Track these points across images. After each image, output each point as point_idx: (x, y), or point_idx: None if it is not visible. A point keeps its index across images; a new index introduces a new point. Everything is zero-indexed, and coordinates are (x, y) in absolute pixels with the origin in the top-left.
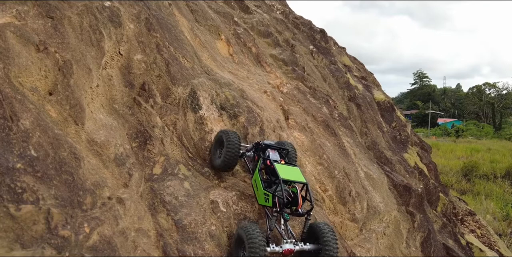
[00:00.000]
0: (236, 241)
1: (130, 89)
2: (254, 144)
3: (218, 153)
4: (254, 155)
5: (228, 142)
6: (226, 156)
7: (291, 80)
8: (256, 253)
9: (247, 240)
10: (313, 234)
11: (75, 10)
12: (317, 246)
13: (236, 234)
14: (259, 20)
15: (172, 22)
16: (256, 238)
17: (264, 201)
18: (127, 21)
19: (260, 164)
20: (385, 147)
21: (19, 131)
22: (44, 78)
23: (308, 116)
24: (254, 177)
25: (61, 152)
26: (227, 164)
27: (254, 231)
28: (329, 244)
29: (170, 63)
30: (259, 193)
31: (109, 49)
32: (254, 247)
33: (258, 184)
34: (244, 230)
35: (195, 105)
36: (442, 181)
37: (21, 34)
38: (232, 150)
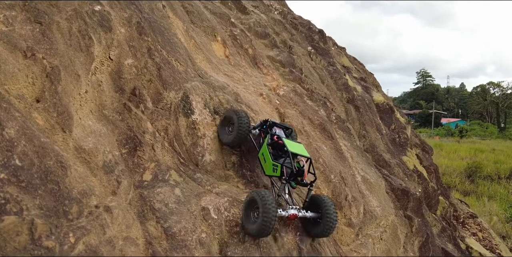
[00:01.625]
0: (249, 204)
1: (121, 95)
2: (262, 121)
3: (227, 130)
4: (260, 133)
5: (240, 120)
6: (239, 133)
7: (288, 82)
8: (269, 214)
9: (261, 203)
10: (315, 204)
11: (64, 15)
12: (317, 215)
13: (249, 198)
14: (257, 21)
15: (165, 25)
16: (270, 202)
17: (273, 171)
18: (117, 25)
19: (268, 139)
20: (383, 149)
21: (4, 140)
22: (31, 85)
23: (305, 119)
24: (262, 151)
25: (47, 161)
26: (238, 140)
27: (268, 196)
28: (331, 213)
29: (161, 67)
30: (267, 165)
31: (99, 55)
32: (267, 208)
33: (266, 156)
34: (258, 195)
35: (188, 109)
36: (445, 182)
37: (8, 40)
38: (243, 127)
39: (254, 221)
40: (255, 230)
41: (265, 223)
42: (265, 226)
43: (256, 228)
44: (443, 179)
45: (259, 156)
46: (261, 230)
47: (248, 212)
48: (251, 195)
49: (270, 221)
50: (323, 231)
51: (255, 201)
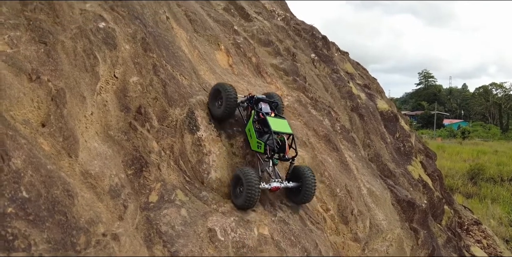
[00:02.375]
0: (234, 180)
1: (126, 113)
2: (249, 97)
3: (217, 104)
4: (247, 106)
5: (227, 94)
6: (227, 107)
7: (292, 91)
8: (251, 187)
9: (244, 178)
10: (296, 175)
11: (69, 33)
12: (299, 184)
13: (234, 175)
14: (260, 28)
15: (170, 38)
16: (252, 176)
17: (257, 148)
18: (122, 42)
19: (253, 116)
20: (388, 159)
21: (11, 171)
22: (37, 109)
23: (309, 131)
24: (248, 127)
25: (54, 190)
26: (227, 114)
27: (249, 172)
28: (310, 182)
29: (167, 83)
30: (252, 141)
31: (104, 74)
32: (250, 183)
33: (252, 133)
34: (241, 171)
35: (193, 126)
36: (447, 185)
37: (13, 63)
38: (231, 101)
39: (239, 195)
40: (241, 203)
41: (249, 196)
42: (249, 199)
43: (242, 201)
44: (446, 181)
45: (245, 131)
46: (246, 203)
47: (234, 187)
48: (236, 173)
49: (252, 195)
50: (303, 198)
51: (239, 178)
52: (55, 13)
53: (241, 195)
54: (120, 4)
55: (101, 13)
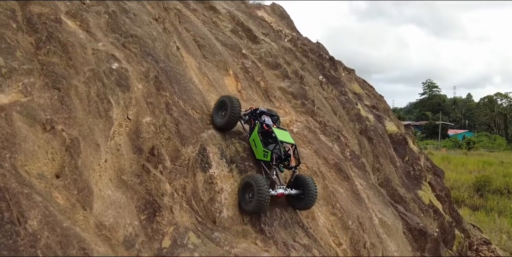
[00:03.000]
0: (244, 186)
1: (139, 155)
2: (252, 110)
3: (221, 115)
4: (249, 119)
5: (232, 106)
6: (230, 117)
7: (301, 115)
8: (262, 192)
9: (256, 185)
10: (298, 183)
11: (82, 77)
12: (300, 191)
13: (244, 181)
14: (267, 51)
15: (181, 71)
16: (263, 183)
17: (263, 156)
18: (135, 81)
19: (258, 127)
20: (398, 183)
21: (27, 235)
22: (51, 161)
23: (320, 159)
24: (253, 137)
25: (70, 250)
26: (230, 124)
27: (260, 178)
28: (311, 189)
29: (179, 121)
30: (258, 150)
31: (117, 117)
32: (261, 189)
33: (257, 143)
34: (252, 178)
35: (205, 163)
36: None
37: (28, 113)
38: (235, 112)
39: (249, 201)
40: (251, 208)
41: (260, 202)
42: (260, 204)
43: (253, 206)
44: (452, 194)
45: (250, 141)
46: (257, 208)
47: (243, 194)
48: (246, 180)
49: (264, 200)
50: (305, 205)
51: (250, 184)
52: (67, 55)
53: (251, 200)
54: (132, 41)
55: (113, 52)
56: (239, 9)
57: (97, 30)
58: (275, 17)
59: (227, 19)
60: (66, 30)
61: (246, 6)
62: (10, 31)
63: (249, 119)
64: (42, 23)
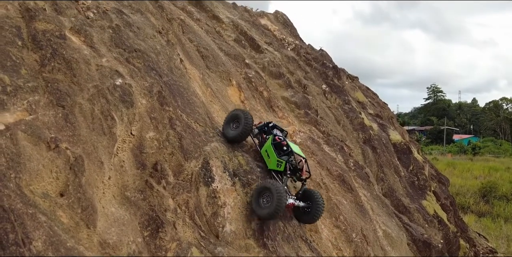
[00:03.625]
0: (261, 191)
1: (142, 171)
2: (265, 123)
3: (232, 127)
4: (260, 132)
5: (246, 118)
6: (244, 130)
7: (304, 125)
8: (281, 201)
9: (276, 191)
10: (306, 196)
11: (86, 94)
12: (308, 205)
13: (261, 185)
14: (271, 60)
15: (184, 84)
16: (283, 190)
17: (277, 166)
18: (139, 97)
19: (271, 139)
20: (402, 194)
21: (32, 256)
22: (55, 180)
23: (323, 170)
24: (266, 148)
25: None
26: (242, 136)
27: (279, 185)
28: (319, 204)
29: (183, 136)
30: (270, 160)
31: (121, 134)
32: (281, 197)
33: (271, 153)
34: (272, 184)
35: (208, 177)
36: (459, 203)
37: (32, 132)
38: (248, 125)
39: (264, 206)
40: (267, 214)
41: (278, 208)
42: (277, 210)
43: (269, 212)
44: (457, 200)
45: (262, 153)
46: (273, 214)
47: (258, 198)
48: (264, 184)
49: (281, 206)
50: (312, 218)
51: (268, 189)
52: (72, 72)
53: (267, 206)
54: (136, 56)
55: (117, 67)
56: (242, 18)
57: (101, 45)
58: (278, 25)
59: (230, 28)
60: (71, 46)
61: (249, 14)
62: (16, 48)
63: (260, 133)
64: (47, 39)
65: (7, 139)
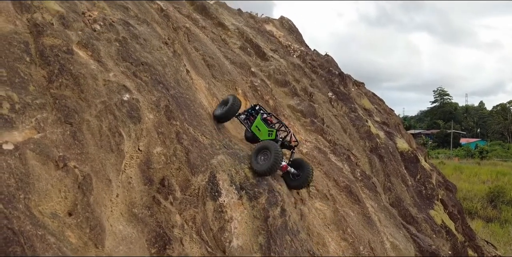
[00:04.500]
0: (260, 149)
1: (149, 187)
2: (252, 106)
3: (222, 108)
4: (248, 116)
5: (233, 102)
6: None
7: (310, 134)
8: (278, 159)
9: (273, 149)
10: (296, 164)
11: (94, 110)
12: (298, 172)
13: (260, 145)
14: (276, 68)
15: (191, 96)
16: (280, 149)
17: (268, 136)
18: (146, 111)
19: (260, 116)
20: (410, 203)
21: None
22: (64, 199)
23: (330, 181)
24: (256, 124)
25: None
26: (227, 115)
27: (278, 147)
28: (309, 172)
29: (190, 150)
30: (262, 132)
31: (129, 150)
32: (278, 154)
33: (261, 126)
34: (271, 143)
35: (215, 191)
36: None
37: (41, 151)
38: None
39: (261, 163)
40: (264, 169)
41: (274, 165)
42: (273, 167)
43: (266, 167)
44: (464, 205)
45: (252, 129)
46: (269, 170)
47: (257, 155)
48: (264, 143)
49: (277, 164)
50: (301, 184)
51: (267, 148)
52: (79, 87)
53: (265, 162)
54: (143, 69)
55: (124, 82)
56: (247, 25)
57: (108, 59)
58: (284, 31)
59: (236, 35)
60: (78, 61)
61: (254, 20)
62: (24, 64)
63: (248, 117)
64: (55, 55)
65: (16, 159)
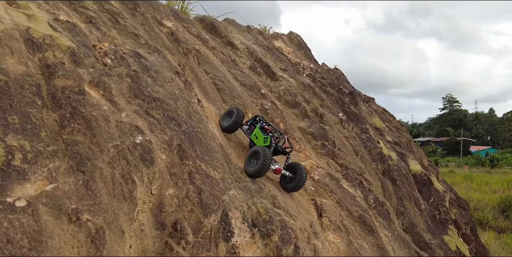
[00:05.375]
0: (253, 153)
1: (162, 231)
2: (253, 117)
3: (227, 119)
4: (250, 126)
5: (238, 113)
6: (234, 122)
7: (321, 157)
8: (266, 161)
9: (262, 153)
10: (292, 168)
11: (106, 156)
12: (293, 175)
13: (253, 150)
14: (286, 89)
15: (203, 129)
16: (269, 153)
17: (263, 142)
18: (158, 152)
19: (258, 125)
20: (423, 228)
21: None
22: (77, 255)
23: (343, 211)
24: (255, 133)
25: None
26: (233, 127)
27: (266, 149)
28: (303, 175)
29: (202, 190)
30: (259, 140)
31: (141, 196)
32: (266, 157)
33: (258, 134)
34: (261, 148)
35: (227, 231)
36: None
37: (53, 204)
38: (239, 119)
39: (253, 165)
40: (253, 170)
41: (262, 167)
42: (261, 168)
43: (255, 169)
44: (475, 215)
45: (252, 138)
46: (258, 171)
47: (250, 160)
48: (256, 148)
49: (265, 166)
50: (295, 187)
51: (258, 152)
52: (91, 132)
53: (255, 165)
54: (155, 106)
55: (136, 122)
56: (256, 42)
57: (120, 98)
58: (293, 47)
59: (245, 55)
60: (90, 103)
61: (263, 37)
62: (36, 109)
63: (250, 127)
64: (66, 97)
65: (29, 216)
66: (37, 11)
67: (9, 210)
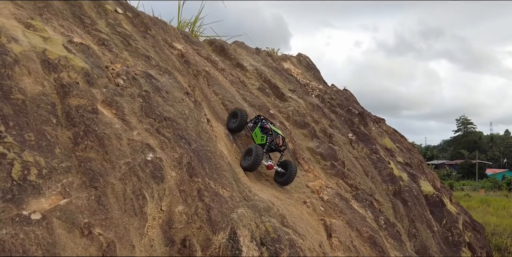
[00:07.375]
0: (247, 151)
1: (171, 248)
2: (256, 116)
3: (233, 121)
4: (252, 126)
5: (241, 115)
6: (240, 122)
7: (331, 178)
8: (258, 157)
9: (255, 150)
10: (284, 165)
11: (118, 172)
12: (285, 171)
13: (247, 148)
14: (295, 109)
15: (212, 148)
16: (261, 150)
17: (261, 140)
18: (169, 169)
19: (259, 125)
20: (436, 251)
21: None
22: None
23: (353, 231)
24: (255, 131)
25: None
26: (239, 127)
27: (259, 147)
28: (292, 171)
29: (211, 207)
30: (257, 137)
31: (151, 212)
32: (258, 152)
33: (257, 133)
34: (255, 146)
35: (235, 249)
36: (495, 244)
37: (67, 218)
38: (243, 119)
39: (247, 161)
40: (247, 165)
41: (254, 161)
42: (254, 163)
43: (248, 164)
44: (493, 240)
45: (252, 135)
46: (251, 165)
47: (245, 156)
48: (249, 147)
49: (257, 161)
50: (286, 180)
51: (251, 150)
52: (104, 149)
53: (249, 160)
54: (166, 125)
55: (148, 140)
56: (265, 64)
57: (132, 117)
58: (302, 68)
59: (254, 76)
60: (103, 121)
61: (272, 58)
62: (50, 126)
63: (253, 126)
64: (80, 116)
65: (44, 229)
66: (53, 33)
67: (25, 222)
